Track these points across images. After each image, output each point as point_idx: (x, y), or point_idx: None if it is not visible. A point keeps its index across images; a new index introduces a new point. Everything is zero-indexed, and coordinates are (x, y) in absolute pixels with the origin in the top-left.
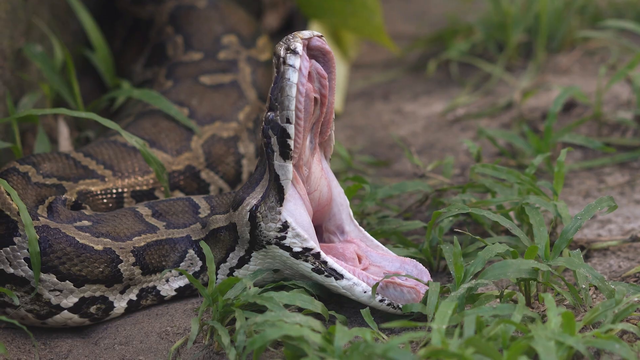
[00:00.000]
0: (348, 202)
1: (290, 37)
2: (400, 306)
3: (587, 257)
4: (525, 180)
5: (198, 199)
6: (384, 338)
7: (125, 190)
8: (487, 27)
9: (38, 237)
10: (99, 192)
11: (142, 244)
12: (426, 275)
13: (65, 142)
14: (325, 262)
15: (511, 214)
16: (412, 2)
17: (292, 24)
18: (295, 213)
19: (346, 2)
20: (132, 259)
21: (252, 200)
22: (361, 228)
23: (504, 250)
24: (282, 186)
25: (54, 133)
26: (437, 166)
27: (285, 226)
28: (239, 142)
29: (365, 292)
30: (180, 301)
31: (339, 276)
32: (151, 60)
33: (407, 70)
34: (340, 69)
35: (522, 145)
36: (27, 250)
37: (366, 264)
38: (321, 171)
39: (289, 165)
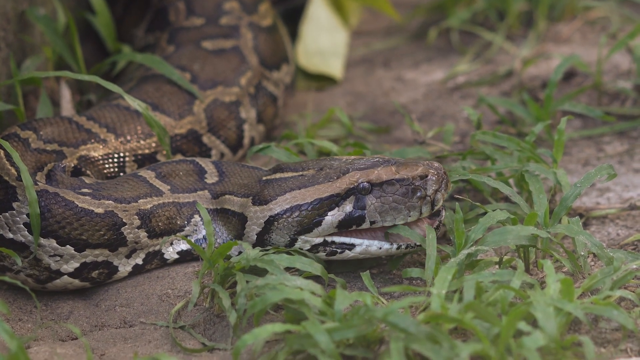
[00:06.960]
0: None
1: (443, 187)
2: (417, 243)
3: (585, 225)
4: (525, 147)
5: (204, 162)
6: (383, 302)
7: (127, 153)
8: None
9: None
10: (100, 157)
11: (148, 206)
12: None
13: (67, 105)
14: (333, 242)
15: (511, 181)
16: None
17: None
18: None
19: None
20: (137, 222)
21: (276, 207)
22: None
23: (505, 218)
24: (311, 230)
25: (56, 96)
26: (437, 133)
27: (294, 240)
28: (240, 107)
29: (380, 247)
30: (181, 264)
31: (351, 246)
32: (153, 25)
33: (408, 37)
34: (341, 36)
35: (522, 113)
36: (26, 215)
37: None
38: None
39: (331, 229)
